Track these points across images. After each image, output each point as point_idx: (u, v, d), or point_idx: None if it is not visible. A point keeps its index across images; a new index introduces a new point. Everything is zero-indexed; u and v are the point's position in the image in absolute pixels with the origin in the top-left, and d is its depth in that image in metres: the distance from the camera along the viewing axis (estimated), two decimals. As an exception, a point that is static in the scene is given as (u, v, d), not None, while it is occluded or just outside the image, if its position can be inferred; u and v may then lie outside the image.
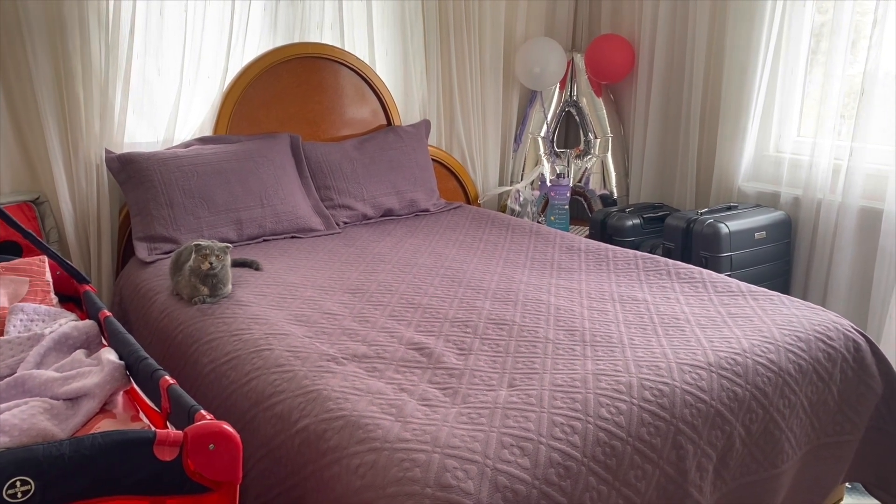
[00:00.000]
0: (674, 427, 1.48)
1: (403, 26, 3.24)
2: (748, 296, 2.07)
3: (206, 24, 2.74)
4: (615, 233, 3.06)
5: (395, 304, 2.03)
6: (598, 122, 3.57)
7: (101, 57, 2.50)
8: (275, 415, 1.50)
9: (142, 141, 2.74)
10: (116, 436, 1.07)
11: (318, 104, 3.07)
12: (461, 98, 3.41)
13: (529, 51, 3.40)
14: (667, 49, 3.33)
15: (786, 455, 1.71)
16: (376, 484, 1.25)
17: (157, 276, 2.30)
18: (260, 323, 1.86)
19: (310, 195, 2.86)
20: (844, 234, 2.74)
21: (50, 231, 2.52)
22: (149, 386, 1.41)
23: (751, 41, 2.97)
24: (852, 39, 2.73)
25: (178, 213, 2.50)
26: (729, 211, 2.83)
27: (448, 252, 2.54)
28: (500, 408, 1.43)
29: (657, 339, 1.76)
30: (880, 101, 2.65)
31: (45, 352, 1.58)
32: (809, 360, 1.77)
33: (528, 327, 1.85)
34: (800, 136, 3.02)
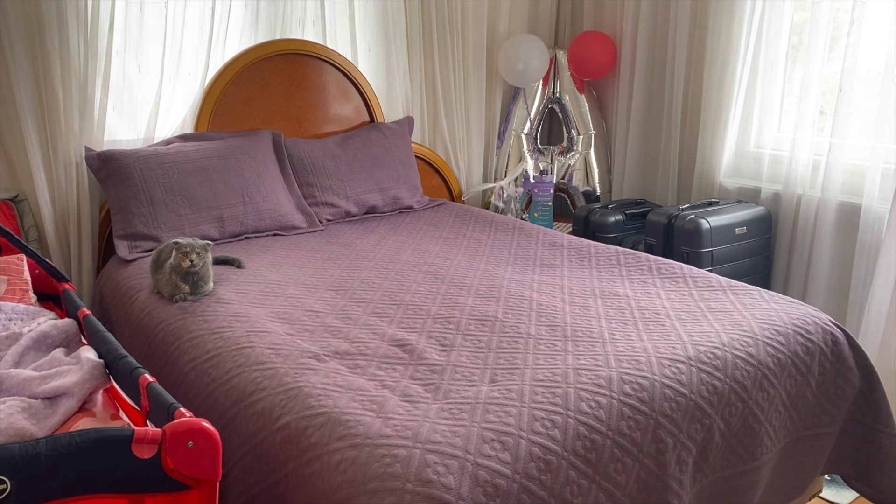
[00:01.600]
0: (653, 421, 1.49)
1: (386, 23, 3.23)
2: (728, 290, 2.09)
3: (187, 21, 2.73)
4: (598, 229, 3.07)
5: (378, 300, 2.03)
6: (580, 119, 3.58)
7: (79, 54, 2.48)
8: (256, 412, 1.50)
9: (122, 139, 2.72)
10: (94, 434, 1.06)
11: (300, 101, 3.06)
12: (444, 95, 3.41)
13: (512, 48, 3.40)
14: (648, 46, 3.35)
15: (765, 448, 1.72)
16: (357, 480, 1.25)
17: (137, 274, 2.28)
18: (241, 321, 1.86)
19: (292, 192, 2.85)
20: (824, 229, 2.77)
21: (29, 229, 2.50)
22: (128, 384, 1.40)
23: (731, 38, 2.99)
24: (831, 37, 2.76)
25: (159, 211, 2.48)
26: (710, 206, 2.85)
27: (431, 249, 2.54)
28: (481, 403, 1.43)
29: (638, 334, 1.78)
30: (858, 98, 2.68)
31: (24, 351, 1.57)
32: (788, 353, 1.79)
33: (510, 323, 1.85)
34: (780, 132, 3.05)
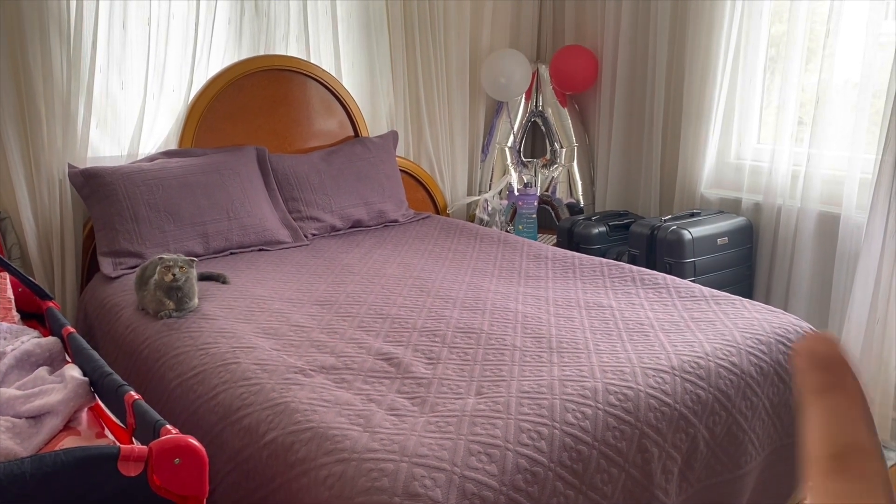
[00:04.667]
0: (639, 431, 1.50)
1: (369, 39, 3.25)
2: (711, 300, 2.11)
3: (170, 37, 2.73)
4: (582, 241, 3.10)
5: (364, 315, 2.03)
6: (563, 132, 3.61)
7: (62, 71, 2.48)
8: (242, 428, 1.50)
9: (106, 155, 2.72)
10: (79, 452, 1.06)
11: (284, 116, 3.07)
12: (428, 109, 3.43)
13: (495, 62, 3.43)
14: (629, 59, 3.39)
15: (749, 456, 1.74)
16: (344, 494, 1.25)
17: (122, 291, 2.27)
18: (227, 336, 1.85)
19: (277, 207, 2.85)
20: (804, 239, 2.81)
21: (12, 247, 2.48)
22: (114, 402, 1.39)
23: (710, 51, 3.03)
24: (808, 49, 2.81)
25: (144, 228, 2.48)
26: (692, 217, 2.88)
27: (417, 262, 2.55)
28: (467, 415, 1.44)
29: (622, 345, 1.79)
30: (836, 109, 2.73)
31: (7, 370, 1.56)
32: (770, 362, 1.81)
33: (495, 335, 1.86)
34: (759, 143, 3.09)
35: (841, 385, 0.25)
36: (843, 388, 0.25)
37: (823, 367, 0.26)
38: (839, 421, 0.25)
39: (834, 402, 0.25)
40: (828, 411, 0.25)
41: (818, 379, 0.25)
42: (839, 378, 0.25)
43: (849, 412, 0.25)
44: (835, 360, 0.26)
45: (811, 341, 0.26)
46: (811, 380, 0.26)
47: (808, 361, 0.26)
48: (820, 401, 0.25)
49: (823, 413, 0.25)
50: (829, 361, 0.26)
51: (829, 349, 0.26)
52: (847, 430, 0.25)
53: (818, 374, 0.25)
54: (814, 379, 0.26)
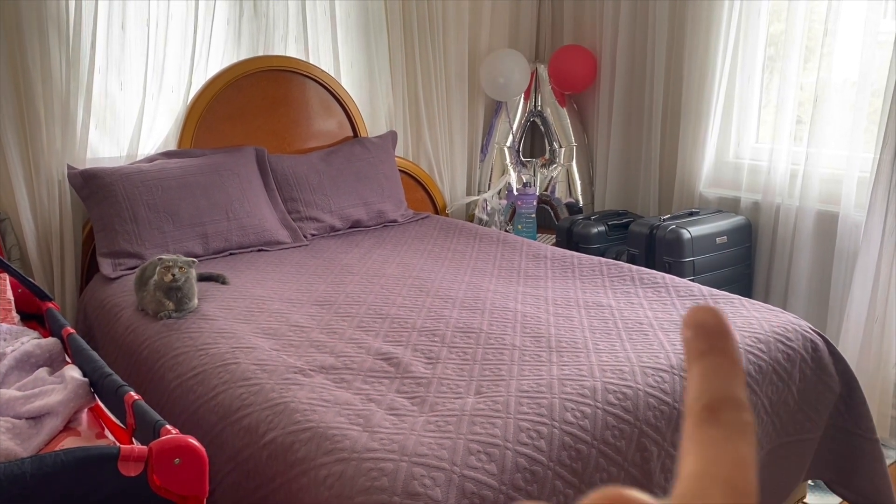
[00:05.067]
0: (638, 429, 1.50)
1: (368, 39, 3.26)
2: (710, 299, 2.11)
3: (169, 38, 2.73)
4: (581, 240, 3.10)
5: (363, 315, 2.03)
6: (562, 132, 3.62)
7: (61, 72, 2.48)
8: (242, 428, 1.50)
9: (105, 156, 2.72)
10: (79, 452, 1.06)
11: (283, 117, 3.07)
12: (427, 109, 3.43)
13: (494, 62, 3.43)
14: (628, 59, 3.39)
15: (748, 454, 1.74)
16: (344, 494, 1.25)
17: (121, 291, 2.27)
18: (226, 337, 1.86)
19: (276, 208, 2.86)
20: (803, 237, 2.81)
21: (11, 248, 2.48)
22: (114, 402, 1.40)
23: (709, 50, 3.04)
24: (806, 48, 2.81)
25: (143, 229, 2.48)
26: (691, 217, 2.89)
27: (416, 262, 2.55)
28: (467, 415, 1.44)
29: (621, 344, 1.79)
30: (834, 108, 2.73)
31: (7, 370, 1.56)
32: (769, 360, 1.81)
33: (495, 335, 1.87)
34: (758, 142, 3.09)
35: (720, 349, 0.28)
36: (721, 351, 0.28)
37: (706, 335, 0.28)
38: (715, 377, 0.27)
39: (712, 362, 0.27)
40: (706, 369, 0.27)
41: (701, 344, 0.28)
42: (719, 343, 0.28)
43: (725, 370, 0.27)
44: (716, 329, 0.28)
45: (697, 312, 0.29)
46: (695, 346, 0.28)
47: (694, 330, 0.28)
48: (700, 361, 0.28)
49: (702, 371, 0.27)
50: (711, 330, 0.28)
51: (712, 319, 0.28)
52: (722, 385, 0.27)
53: (701, 341, 0.28)
54: (697, 345, 0.28)
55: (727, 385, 0.27)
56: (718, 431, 0.26)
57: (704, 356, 0.28)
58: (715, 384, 0.27)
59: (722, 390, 0.27)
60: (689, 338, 0.28)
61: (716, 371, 0.27)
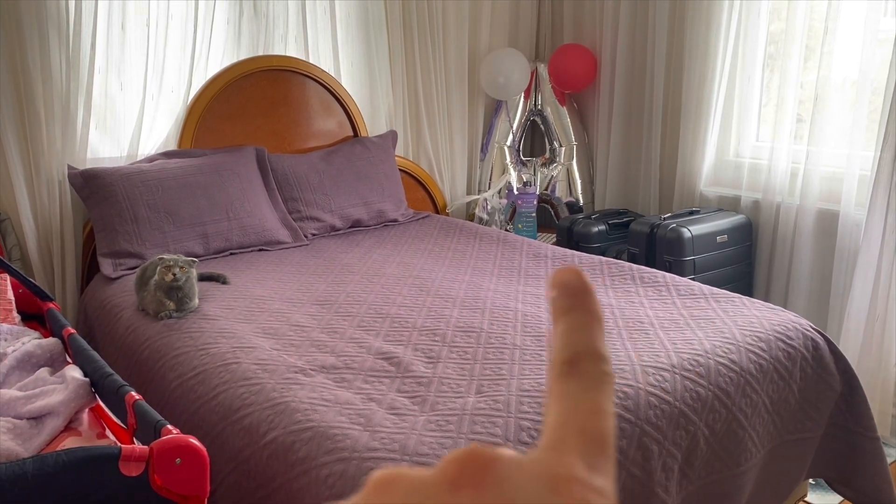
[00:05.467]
0: (639, 428, 1.50)
1: (368, 38, 3.26)
2: (710, 298, 2.11)
3: (169, 38, 2.73)
4: (581, 239, 3.10)
5: (364, 314, 2.03)
6: (562, 131, 3.62)
7: (61, 72, 2.48)
8: (243, 428, 1.50)
9: (105, 156, 2.72)
10: (80, 452, 1.06)
11: (283, 117, 3.07)
12: (427, 109, 3.43)
13: (494, 61, 3.43)
14: (628, 58, 3.39)
15: (749, 453, 1.74)
16: (345, 493, 1.25)
17: (122, 291, 2.28)
18: (227, 337, 1.86)
19: (277, 207, 2.86)
20: (803, 236, 2.81)
21: (12, 249, 2.48)
22: (115, 402, 1.40)
23: (709, 48, 3.03)
24: (807, 46, 2.81)
25: (143, 229, 2.48)
26: (691, 215, 2.88)
27: (416, 262, 2.55)
28: (468, 414, 1.44)
29: (622, 343, 1.79)
30: (834, 106, 2.73)
31: (8, 371, 1.56)
32: (770, 359, 1.81)
33: (495, 334, 1.87)
34: (758, 140, 3.09)
35: (582, 305, 0.29)
36: (583, 307, 0.29)
37: (569, 293, 0.29)
38: (577, 332, 0.28)
39: (575, 318, 0.28)
40: (569, 325, 0.28)
41: (564, 302, 0.29)
42: (581, 300, 0.29)
43: (586, 325, 0.28)
44: (578, 287, 0.29)
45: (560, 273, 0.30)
46: (559, 304, 0.29)
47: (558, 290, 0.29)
48: (564, 318, 0.29)
49: (565, 327, 0.28)
50: (573, 289, 0.29)
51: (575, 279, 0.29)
52: (582, 339, 0.28)
53: (565, 299, 0.29)
54: (561, 303, 0.29)
55: (587, 339, 0.28)
56: (577, 383, 0.27)
57: (567, 313, 0.29)
58: (576, 338, 0.28)
59: (582, 344, 0.28)
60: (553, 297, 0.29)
61: (578, 326, 0.28)
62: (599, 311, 0.29)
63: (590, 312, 0.29)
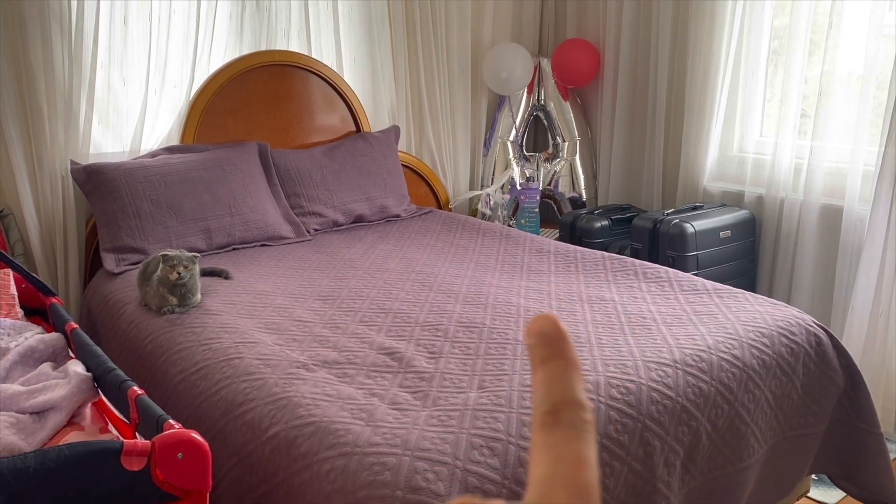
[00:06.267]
0: (641, 424, 1.50)
1: (371, 33, 3.25)
2: (713, 294, 2.11)
3: (171, 33, 2.73)
4: (584, 235, 3.09)
5: (366, 309, 2.03)
6: (565, 126, 3.61)
7: (64, 67, 2.48)
8: (245, 423, 1.50)
9: (108, 151, 2.72)
10: (82, 447, 1.06)
11: (286, 112, 3.07)
12: (430, 104, 3.43)
13: (496, 56, 3.43)
14: (631, 53, 3.38)
15: (752, 449, 1.74)
16: (347, 488, 1.25)
17: (125, 287, 2.28)
18: (230, 332, 1.86)
19: (279, 203, 2.86)
20: (807, 232, 2.80)
21: (15, 244, 2.49)
22: (117, 397, 1.40)
23: (713, 43, 3.02)
24: (811, 41, 2.80)
25: (146, 224, 2.48)
26: (694, 211, 2.88)
27: (419, 257, 2.55)
28: (469, 409, 1.44)
29: (624, 338, 1.79)
30: (838, 101, 2.72)
31: (11, 365, 1.57)
32: (773, 355, 1.81)
33: (497, 329, 1.86)
34: (762, 135, 3.08)
35: (559, 353, 0.29)
36: (560, 355, 0.29)
37: (546, 342, 0.29)
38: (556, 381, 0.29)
39: (552, 366, 0.29)
40: (547, 375, 0.29)
41: (541, 351, 0.29)
42: (557, 348, 0.29)
43: (564, 373, 0.29)
44: (554, 335, 0.30)
45: (536, 322, 0.30)
46: (537, 353, 0.30)
47: (535, 339, 0.30)
48: (542, 368, 0.29)
49: (544, 377, 0.29)
50: (550, 337, 0.30)
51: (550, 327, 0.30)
52: (561, 388, 0.28)
53: (541, 348, 0.29)
54: (538, 352, 0.29)
55: (566, 387, 0.28)
56: (560, 434, 0.27)
57: (545, 362, 0.29)
58: (555, 388, 0.28)
59: (561, 393, 0.28)
60: (531, 346, 0.30)
61: (556, 375, 0.29)
62: (576, 357, 0.29)
63: (567, 360, 0.29)
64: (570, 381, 0.29)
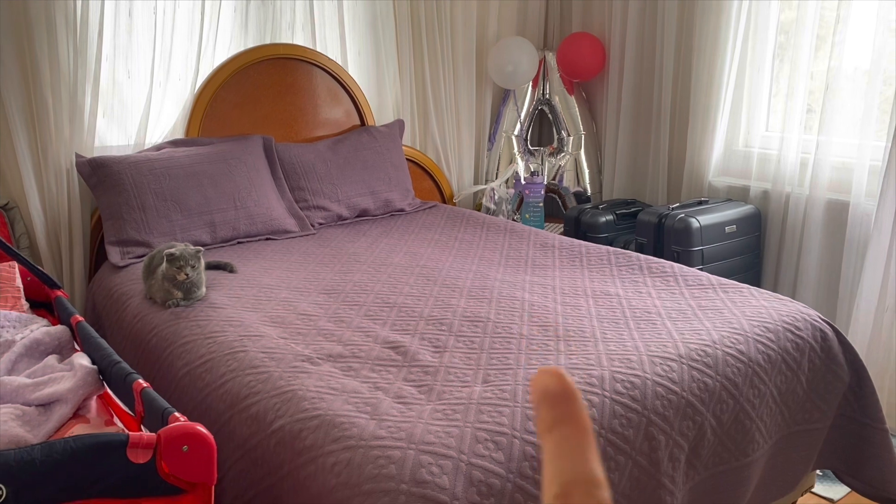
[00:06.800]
0: (646, 419, 1.50)
1: (375, 27, 3.24)
2: (718, 289, 2.10)
3: (176, 26, 2.73)
4: (589, 229, 3.09)
5: (371, 303, 2.03)
6: (570, 120, 3.60)
7: (69, 60, 2.48)
8: (250, 416, 1.50)
9: (113, 144, 2.72)
10: (88, 439, 1.06)
11: (290, 105, 3.07)
12: (434, 98, 3.42)
13: (501, 50, 3.42)
14: (637, 47, 3.37)
15: (756, 444, 1.74)
16: (352, 482, 1.25)
17: (129, 280, 2.28)
18: (234, 325, 1.86)
19: (284, 196, 2.86)
20: (812, 227, 2.79)
21: (20, 237, 2.49)
22: (122, 390, 1.40)
23: (718, 38, 3.01)
24: (818, 36, 2.78)
25: (151, 217, 2.48)
26: (700, 205, 2.87)
27: (423, 251, 2.55)
28: (474, 403, 1.44)
29: (629, 333, 1.79)
30: (845, 96, 2.71)
31: (17, 358, 1.57)
32: (778, 350, 1.80)
33: (502, 324, 1.86)
34: (768, 130, 3.07)
35: (567, 418, 0.27)
36: (569, 421, 0.27)
37: (552, 404, 0.27)
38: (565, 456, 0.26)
39: (561, 435, 0.26)
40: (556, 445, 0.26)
41: (548, 415, 0.27)
42: (566, 411, 0.27)
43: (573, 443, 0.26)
44: (560, 393, 0.27)
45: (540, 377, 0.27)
46: (542, 417, 0.27)
47: (539, 398, 0.27)
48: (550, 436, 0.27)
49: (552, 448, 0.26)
50: (555, 396, 0.27)
51: (555, 384, 0.27)
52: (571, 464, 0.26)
53: (548, 411, 0.27)
54: (544, 415, 0.27)
55: (577, 462, 0.26)
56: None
57: (552, 428, 0.27)
58: (566, 464, 0.26)
59: (572, 471, 0.26)
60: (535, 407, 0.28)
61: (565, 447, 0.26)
62: (587, 420, 0.27)
63: (576, 424, 0.27)
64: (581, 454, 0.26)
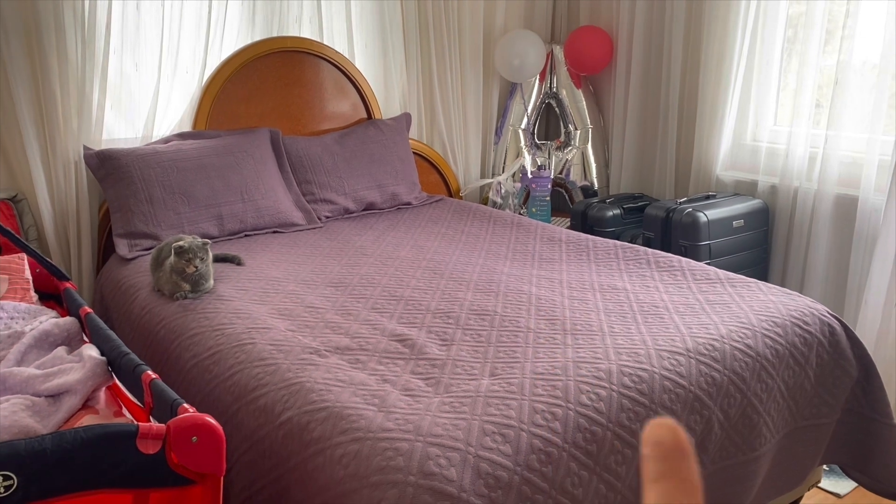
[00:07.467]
0: (653, 412, 1.50)
1: (382, 20, 3.24)
2: (726, 283, 2.10)
3: (184, 19, 2.73)
4: (596, 223, 3.08)
5: (378, 296, 2.03)
6: (577, 114, 3.59)
7: (77, 53, 2.48)
8: (258, 408, 1.51)
9: (120, 137, 2.73)
10: (98, 430, 1.07)
11: (297, 98, 3.07)
12: (441, 91, 3.41)
13: (509, 43, 3.41)
14: (645, 40, 3.35)
15: (764, 438, 1.74)
16: (360, 473, 1.26)
17: (138, 272, 2.29)
18: (242, 317, 1.87)
19: (291, 190, 2.86)
20: (821, 221, 2.78)
21: (29, 229, 2.50)
22: (131, 381, 1.41)
23: (727, 31, 3.00)
24: (827, 30, 2.77)
25: (159, 209, 2.49)
26: (707, 200, 2.86)
27: (430, 245, 2.55)
28: (481, 396, 1.44)
29: (636, 327, 1.79)
30: (854, 91, 2.69)
31: (26, 349, 1.58)
32: (786, 344, 1.80)
33: (509, 317, 1.86)
34: (776, 124, 3.06)
35: (675, 473, 0.26)
36: (677, 476, 0.26)
37: (662, 457, 0.26)
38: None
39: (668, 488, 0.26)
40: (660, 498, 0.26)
41: (656, 467, 0.26)
42: (675, 466, 0.26)
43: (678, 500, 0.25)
44: (674, 449, 0.26)
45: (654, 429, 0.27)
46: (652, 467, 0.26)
47: (650, 450, 0.27)
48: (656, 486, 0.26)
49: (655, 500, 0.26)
50: (667, 450, 0.26)
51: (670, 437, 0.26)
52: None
53: (657, 462, 0.26)
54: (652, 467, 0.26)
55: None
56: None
57: (659, 481, 0.26)
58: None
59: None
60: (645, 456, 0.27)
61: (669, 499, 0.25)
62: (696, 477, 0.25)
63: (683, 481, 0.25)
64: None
